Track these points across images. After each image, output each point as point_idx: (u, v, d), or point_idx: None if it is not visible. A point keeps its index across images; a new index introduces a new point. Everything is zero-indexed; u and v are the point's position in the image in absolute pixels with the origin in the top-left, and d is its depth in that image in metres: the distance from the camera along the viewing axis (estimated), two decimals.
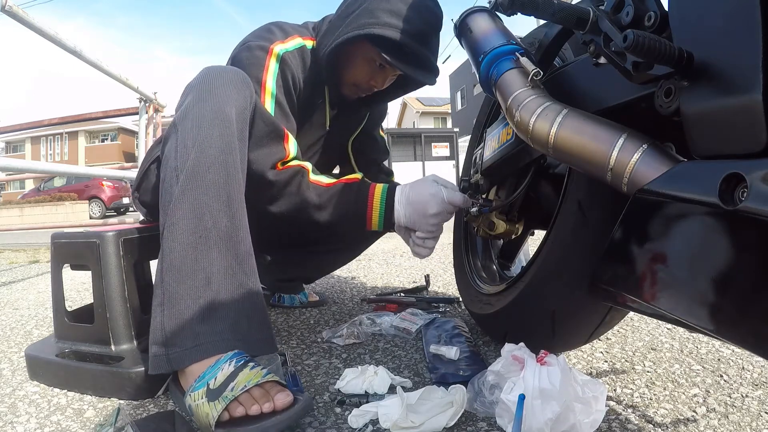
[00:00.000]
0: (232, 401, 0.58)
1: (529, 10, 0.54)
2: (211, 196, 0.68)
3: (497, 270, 1.10)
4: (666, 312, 0.42)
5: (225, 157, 0.70)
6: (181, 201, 0.67)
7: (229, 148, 0.71)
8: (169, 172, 0.70)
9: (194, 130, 0.70)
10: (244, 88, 0.76)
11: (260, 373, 0.61)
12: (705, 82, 0.40)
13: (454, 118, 23.16)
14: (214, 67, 0.78)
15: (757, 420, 0.63)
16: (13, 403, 0.74)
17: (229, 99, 0.73)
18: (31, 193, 13.01)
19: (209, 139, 0.69)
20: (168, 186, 0.69)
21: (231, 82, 0.74)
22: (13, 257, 3.02)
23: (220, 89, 0.73)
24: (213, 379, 0.60)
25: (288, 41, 0.91)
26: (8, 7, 1.62)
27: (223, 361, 0.62)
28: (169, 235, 0.67)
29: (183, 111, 0.73)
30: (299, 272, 1.29)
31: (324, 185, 0.86)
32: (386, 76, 0.95)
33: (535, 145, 0.57)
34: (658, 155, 0.45)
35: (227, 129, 0.71)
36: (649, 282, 0.45)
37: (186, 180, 0.67)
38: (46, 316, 1.31)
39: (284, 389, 0.61)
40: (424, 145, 8.90)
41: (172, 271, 0.65)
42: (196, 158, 0.68)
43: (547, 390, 0.57)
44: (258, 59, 0.87)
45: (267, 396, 0.60)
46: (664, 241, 0.43)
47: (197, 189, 0.67)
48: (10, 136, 20.16)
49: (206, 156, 0.68)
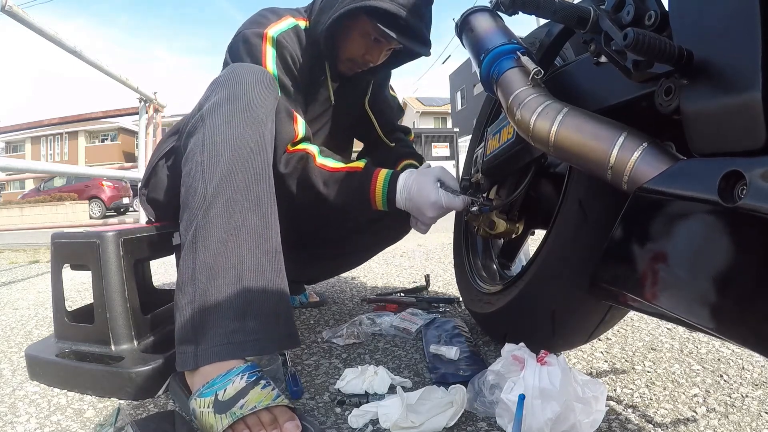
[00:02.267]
0: (238, 420, 0.57)
1: (530, 10, 0.54)
2: (241, 195, 0.68)
3: (497, 269, 1.10)
4: (666, 311, 0.42)
5: (256, 156, 0.71)
6: (215, 200, 0.67)
7: (259, 148, 0.72)
8: (195, 166, 0.70)
9: (225, 128, 0.71)
10: (273, 87, 0.79)
11: (271, 395, 0.60)
12: (705, 81, 0.40)
13: (454, 118, 23.17)
14: (243, 65, 0.79)
15: (757, 420, 0.62)
16: (13, 403, 0.74)
17: (260, 98, 0.74)
18: (31, 193, 13.01)
19: (242, 139, 0.70)
20: (193, 181, 0.70)
21: (261, 82, 0.76)
22: (13, 257, 3.02)
23: (250, 88, 0.74)
24: (222, 390, 0.59)
25: (281, 22, 0.92)
26: (8, 7, 1.62)
27: (235, 372, 0.61)
28: (204, 232, 0.67)
29: (212, 106, 0.73)
30: (304, 274, 1.28)
31: (329, 169, 0.89)
32: (381, 50, 0.95)
33: (535, 143, 0.57)
34: (658, 153, 0.45)
35: (259, 129, 0.73)
36: (650, 280, 0.44)
37: (220, 180, 0.68)
38: (46, 316, 1.31)
39: (294, 419, 0.59)
40: (424, 145, 8.91)
41: (205, 268, 0.65)
42: (230, 158, 0.69)
43: (547, 390, 0.57)
44: (255, 47, 0.88)
45: (275, 424, 0.57)
46: (664, 239, 0.43)
47: (230, 189, 0.68)
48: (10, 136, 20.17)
49: (239, 156, 0.69)
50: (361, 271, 1.89)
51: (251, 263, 0.67)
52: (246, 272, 0.66)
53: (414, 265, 1.99)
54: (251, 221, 0.68)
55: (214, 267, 0.65)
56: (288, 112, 0.88)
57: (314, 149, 0.90)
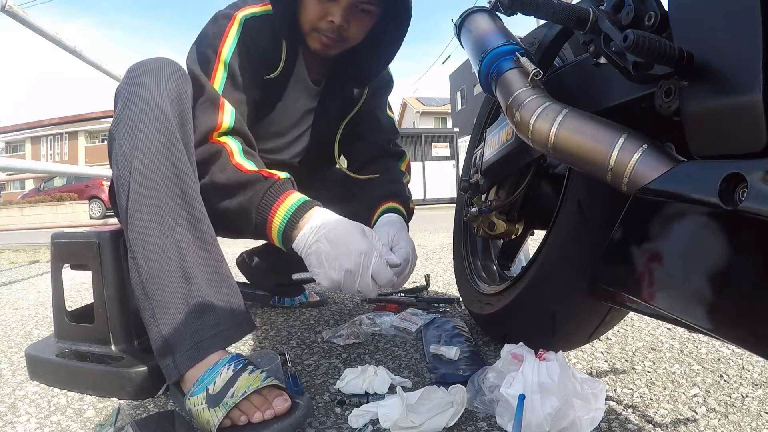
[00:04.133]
0: (232, 409, 0.57)
1: (529, 10, 0.54)
2: (165, 194, 0.65)
3: (497, 270, 1.10)
4: (666, 312, 0.42)
5: (168, 149, 0.67)
6: (138, 207, 0.65)
7: (171, 141, 0.67)
8: (118, 183, 0.67)
9: (130, 134, 0.66)
10: (172, 72, 0.72)
11: (259, 377, 0.61)
12: (705, 82, 0.40)
13: (454, 118, 23.17)
14: (136, 64, 0.73)
15: (757, 420, 0.63)
16: (13, 403, 0.74)
17: (159, 90, 0.68)
18: (31, 193, 13.02)
19: (148, 138, 0.66)
20: (118, 197, 0.67)
21: (157, 73, 0.70)
22: (13, 257, 3.02)
23: (146, 84, 0.69)
24: (212, 384, 0.60)
25: (259, 6, 0.85)
26: (8, 7, 1.62)
27: (221, 364, 0.62)
28: (140, 246, 0.65)
29: (115, 118, 0.69)
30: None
31: (245, 171, 0.74)
32: (341, 6, 0.80)
33: (535, 145, 0.57)
34: (658, 155, 0.45)
35: (164, 121, 0.67)
36: (650, 282, 0.45)
37: (136, 185, 0.65)
38: (46, 316, 1.31)
39: (282, 393, 0.60)
40: (424, 145, 8.91)
41: (152, 280, 0.64)
42: (140, 160, 0.65)
43: (546, 384, 0.57)
44: (220, 28, 0.82)
45: (267, 403, 0.59)
46: (664, 241, 0.43)
47: (150, 191, 0.65)
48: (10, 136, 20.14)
49: (149, 155, 0.65)
50: None
51: (194, 259, 0.66)
52: (192, 270, 0.66)
53: None
54: (182, 217, 0.66)
55: (160, 275, 0.64)
56: (212, 100, 0.77)
57: (235, 145, 0.77)
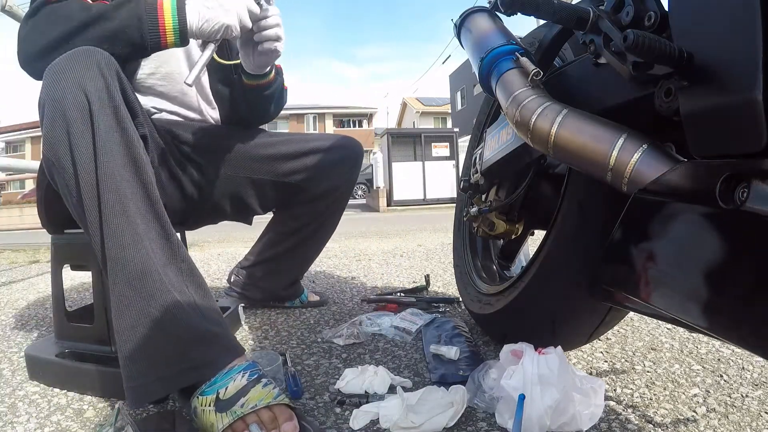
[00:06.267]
0: (239, 419, 0.57)
1: (529, 10, 0.54)
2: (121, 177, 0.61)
3: (497, 270, 1.10)
4: (666, 312, 0.42)
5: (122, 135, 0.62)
6: (104, 209, 0.60)
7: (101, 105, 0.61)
8: (61, 189, 0.64)
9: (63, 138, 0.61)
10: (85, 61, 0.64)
11: (272, 394, 0.60)
12: (705, 82, 0.40)
13: (454, 118, 23.16)
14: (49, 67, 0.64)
15: (757, 420, 0.63)
16: (13, 403, 0.74)
17: (78, 77, 0.62)
18: (31, 193, 13.01)
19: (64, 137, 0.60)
20: (74, 205, 0.63)
21: (70, 67, 0.63)
22: (13, 257, 3.02)
23: (64, 77, 0.62)
24: (224, 389, 0.59)
25: None
26: (8, 7, 1.62)
27: (236, 370, 0.61)
28: (113, 243, 0.60)
29: (43, 134, 0.63)
30: (292, 273, 1.26)
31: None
32: None
33: (535, 145, 0.57)
34: (658, 155, 0.45)
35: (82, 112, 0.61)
36: (649, 282, 0.45)
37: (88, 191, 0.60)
38: (46, 316, 1.31)
39: (292, 418, 0.59)
40: (424, 145, 8.91)
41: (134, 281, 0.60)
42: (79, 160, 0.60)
43: (545, 376, 0.57)
44: None
45: (275, 423, 0.58)
46: (664, 241, 0.43)
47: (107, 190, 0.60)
48: (10, 136, 20.14)
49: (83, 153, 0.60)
50: (361, 271, 1.89)
51: (160, 258, 0.62)
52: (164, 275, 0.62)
53: (414, 265, 1.99)
54: (141, 207, 0.62)
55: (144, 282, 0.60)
56: None
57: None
